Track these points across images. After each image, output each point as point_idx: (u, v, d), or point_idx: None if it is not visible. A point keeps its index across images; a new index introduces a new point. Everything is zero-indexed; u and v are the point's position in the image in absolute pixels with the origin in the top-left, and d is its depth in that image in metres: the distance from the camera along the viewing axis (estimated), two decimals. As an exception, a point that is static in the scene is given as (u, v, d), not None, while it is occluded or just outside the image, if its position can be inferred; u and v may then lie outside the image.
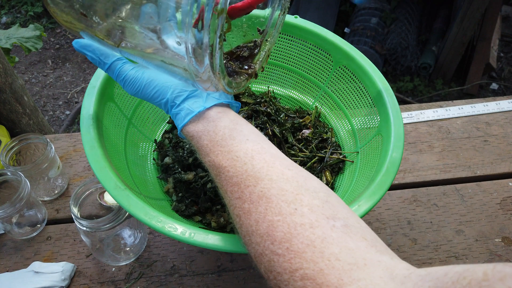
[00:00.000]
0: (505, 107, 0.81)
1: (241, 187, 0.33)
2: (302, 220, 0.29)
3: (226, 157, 0.36)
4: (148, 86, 0.41)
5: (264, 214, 0.31)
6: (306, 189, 0.32)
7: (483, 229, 0.63)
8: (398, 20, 2.09)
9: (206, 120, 0.39)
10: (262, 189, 0.32)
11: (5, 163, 0.61)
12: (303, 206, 0.30)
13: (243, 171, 0.34)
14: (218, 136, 0.37)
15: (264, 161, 0.34)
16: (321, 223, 0.29)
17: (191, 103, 0.40)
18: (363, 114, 0.59)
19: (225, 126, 0.38)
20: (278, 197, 0.31)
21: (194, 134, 0.39)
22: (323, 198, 0.31)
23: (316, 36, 0.62)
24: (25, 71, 2.15)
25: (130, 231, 0.57)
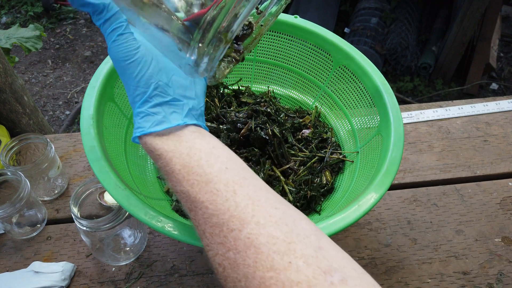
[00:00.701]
0: (505, 107, 0.81)
1: (224, 230, 0.29)
2: (299, 278, 0.26)
3: (203, 189, 0.31)
4: (135, 64, 0.35)
5: (254, 269, 0.27)
6: (297, 235, 0.28)
7: (483, 229, 0.63)
8: (398, 20, 2.09)
9: (178, 139, 0.34)
10: (249, 235, 0.28)
11: (5, 163, 0.61)
12: (297, 258, 0.27)
13: (225, 209, 0.30)
14: (194, 161, 0.32)
15: (248, 197, 0.30)
16: (319, 280, 0.26)
17: (169, 112, 0.35)
18: (363, 114, 0.59)
19: (201, 149, 0.33)
20: (268, 247, 0.27)
21: (161, 152, 0.34)
22: (315, 244, 0.28)
23: (316, 36, 0.62)
24: (25, 71, 2.15)
25: (130, 231, 0.57)
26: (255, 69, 0.69)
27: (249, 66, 0.69)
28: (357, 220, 0.43)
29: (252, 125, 0.59)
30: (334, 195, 0.58)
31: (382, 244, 0.61)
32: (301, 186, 0.57)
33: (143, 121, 0.35)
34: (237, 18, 0.31)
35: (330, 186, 0.58)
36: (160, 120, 0.35)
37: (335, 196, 0.57)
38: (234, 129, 0.60)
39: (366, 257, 0.60)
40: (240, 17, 0.31)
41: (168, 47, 0.34)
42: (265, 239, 0.28)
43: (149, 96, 0.35)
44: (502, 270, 0.59)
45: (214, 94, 0.66)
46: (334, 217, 0.43)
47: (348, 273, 0.27)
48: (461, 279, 0.58)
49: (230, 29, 0.32)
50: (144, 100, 0.35)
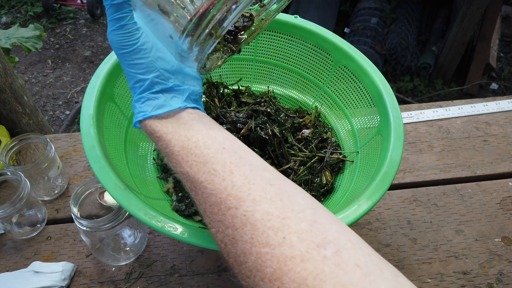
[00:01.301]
0: (505, 107, 0.81)
1: (222, 208, 0.30)
2: (292, 253, 0.27)
3: (202, 169, 0.32)
4: (135, 52, 0.35)
5: (251, 245, 0.28)
6: (292, 210, 0.29)
7: (483, 229, 0.63)
8: (398, 20, 2.09)
9: (177, 122, 0.35)
10: (246, 212, 0.29)
11: (5, 163, 0.61)
12: (291, 234, 0.27)
13: (222, 188, 0.31)
14: (191, 143, 0.33)
15: (245, 176, 0.31)
16: (312, 254, 0.26)
17: (169, 96, 0.36)
18: (363, 114, 0.59)
19: (199, 131, 0.34)
20: (263, 223, 0.28)
21: (161, 134, 0.35)
22: (310, 218, 0.29)
23: (316, 36, 0.62)
24: (25, 71, 2.16)
25: (130, 231, 0.57)
26: (255, 69, 0.69)
27: (249, 66, 0.69)
28: (357, 220, 0.43)
29: (252, 125, 0.59)
30: (334, 195, 0.58)
31: (382, 244, 0.61)
32: (301, 186, 0.57)
33: (144, 106, 0.35)
34: (229, 15, 0.31)
35: (330, 186, 0.58)
36: (161, 104, 0.35)
37: (335, 196, 0.57)
38: (234, 129, 0.60)
39: (366, 257, 0.60)
40: (232, 14, 0.31)
41: (163, 33, 0.34)
42: (260, 215, 0.29)
43: (150, 83, 0.35)
44: (502, 270, 0.59)
45: (214, 94, 0.66)
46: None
47: (342, 245, 0.27)
48: (461, 279, 0.58)
49: (221, 25, 0.32)
50: (145, 87, 0.36)
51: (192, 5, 0.32)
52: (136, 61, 0.35)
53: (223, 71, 0.69)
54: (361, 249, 0.28)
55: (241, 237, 0.29)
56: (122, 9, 0.34)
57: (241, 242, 0.29)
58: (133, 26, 0.34)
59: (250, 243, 0.28)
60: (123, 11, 0.34)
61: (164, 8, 0.33)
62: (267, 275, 0.27)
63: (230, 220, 0.30)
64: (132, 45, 0.35)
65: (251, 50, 0.67)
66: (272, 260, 0.27)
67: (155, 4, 0.33)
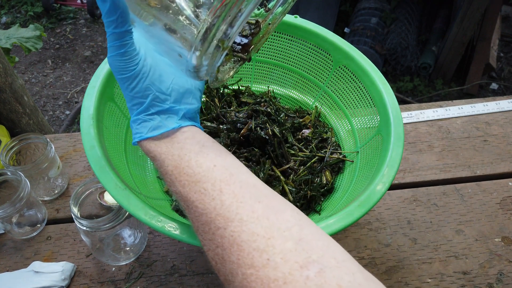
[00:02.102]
0: (505, 107, 0.81)
1: (212, 228, 0.31)
2: (276, 275, 0.27)
3: (193, 188, 0.33)
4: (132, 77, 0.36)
5: (237, 265, 0.29)
6: (278, 228, 0.29)
7: (483, 229, 0.63)
8: (398, 20, 2.09)
9: (171, 141, 0.36)
10: (233, 233, 0.30)
11: (5, 163, 0.61)
12: (276, 254, 0.28)
13: (211, 208, 0.31)
14: (184, 162, 0.34)
15: (233, 195, 0.32)
16: (294, 276, 0.27)
17: (165, 117, 0.37)
18: (363, 114, 0.59)
19: (191, 149, 0.35)
20: (249, 244, 0.29)
21: (155, 155, 0.36)
22: (296, 235, 0.29)
23: (316, 36, 0.62)
24: (25, 71, 2.16)
25: (130, 230, 0.57)
26: (255, 69, 0.69)
27: (249, 66, 0.69)
28: (358, 219, 0.43)
29: (252, 125, 0.59)
30: (334, 195, 0.58)
31: (382, 244, 0.61)
32: (301, 186, 0.57)
33: (141, 127, 0.37)
34: (233, 26, 0.31)
35: (330, 186, 0.58)
36: (156, 126, 0.36)
37: (335, 196, 0.57)
38: (234, 129, 0.60)
39: (366, 257, 0.60)
40: (236, 25, 0.31)
41: (170, 51, 0.34)
42: (247, 236, 0.29)
43: (146, 106, 0.36)
44: (502, 270, 0.59)
45: (214, 94, 0.66)
46: (334, 217, 0.43)
47: (326, 263, 0.27)
48: (461, 279, 0.58)
49: (227, 37, 0.32)
50: (142, 109, 0.36)
51: (198, 20, 0.32)
52: (134, 85, 0.36)
53: (223, 71, 0.69)
54: (346, 267, 0.27)
55: (229, 257, 0.30)
56: (123, 37, 0.34)
57: (229, 262, 0.30)
58: (133, 52, 0.35)
59: (237, 264, 0.29)
60: (124, 39, 0.34)
61: (171, 27, 0.33)
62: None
63: (219, 240, 0.30)
64: (131, 71, 0.35)
65: (251, 50, 0.67)
66: (256, 282, 0.27)
67: (161, 23, 0.33)
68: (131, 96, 0.36)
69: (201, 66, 0.33)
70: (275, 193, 0.33)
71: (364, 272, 0.28)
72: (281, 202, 0.32)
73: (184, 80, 0.39)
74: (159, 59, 0.37)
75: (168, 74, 0.37)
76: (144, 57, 0.36)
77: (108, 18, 0.33)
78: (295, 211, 0.32)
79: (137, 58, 0.35)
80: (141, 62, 0.36)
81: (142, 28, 0.35)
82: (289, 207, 0.32)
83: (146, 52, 0.36)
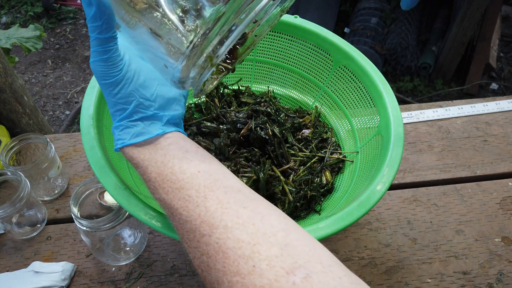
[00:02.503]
0: (505, 107, 0.81)
1: (196, 235, 0.31)
2: (261, 281, 0.27)
3: (177, 195, 0.32)
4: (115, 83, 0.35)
5: (223, 273, 0.28)
6: (264, 234, 0.29)
7: (483, 229, 0.63)
8: (398, 20, 2.09)
9: (154, 148, 0.35)
10: (218, 240, 0.29)
11: (5, 163, 0.61)
12: (261, 261, 0.27)
13: (196, 215, 0.31)
14: (167, 169, 0.34)
15: (218, 201, 0.31)
16: (280, 282, 0.26)
17: (148, 123, 0.36)
18: (363, 114, 0.59)
19: (175, 155, 0.34)
20: (234, 251, 0.28)
21: (138, 161, 0.35)
22: (281, 241, 0.29)
23: (316, 36, 0.62)
24: (25, 71, 2.16)
25: (130, 231, 0.57)
26: (255, 69, 0.69)
27: (249, 66, 0.69)
28: (358, 220, 0.43)
29: (252, 125, 0.59)
30: (334, 195, 0.58)
31: (382, 244, 0.61)
32: (301, 186, 0.57)
33: (123, 133, 0.36)
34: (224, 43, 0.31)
35: (330, 186, 0.58)
36: (139, 132, 0.36)
37: (335, 196, 0.57)
38: (234, 129, 0.60)
39: (366, 257, 0.60)
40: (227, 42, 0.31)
41: (156, 59, 0.34)
42: (232, 243, 0.29)
43: (129, 112, 0.36)
44: (502, 270, 0.59)
45: (214, 94, 0.66)
46: (334, 217, 0.43)
47: (312, 268, 0.27)
48: (461, 279, 0.58)
49: (216, 54, 0.31)
50: (124, 116, 0.36)
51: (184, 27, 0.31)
52: (117, 91, 0.35)
53: (223, 71, 0.69)
54: (332, 272, 0.27)
55: (214, 265, 0.29)
56: (107, 43, 0.33)
57: (214, 270, 0.29)
58: (117, 58, 0.34)
59: (223, 271, 0.29)
60: (108, 45, 0.33)
61: (156, 32, 0.32)
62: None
63: (204, 247, 0.30)
64: (114, 76, 0.34)
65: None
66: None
67: (146, 28, 0.32)
68: (113, 102, 0.36)
69: (187, 79, 0.33)
70: (261, 198, 0.33)
71: (351, 276, 0.28)
72: (267, 206, 0.32)
73: (168, 87, 0.38)
74: (144, 65, 0.37)
75: (152, 81, 0.37)
76: (128, 62, 0.35)
77: (93, 23, 0.32)
78: (282, 215, 0.31)
79: (120, 64, 0.34)
80: (125, 68, 0.35)
81: (128, 34, 0.34)
82: (274, 211, 0.32)
83: (131, 58, 0.36)
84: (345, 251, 0.61)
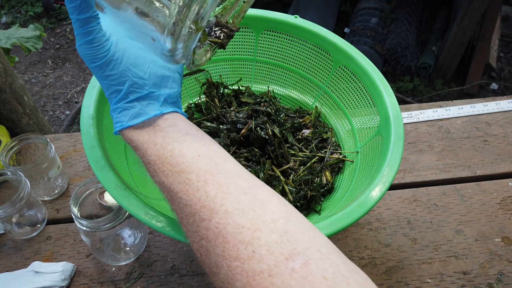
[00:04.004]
0: (505, 107, 0.81)
1: (196, 219, 0.31)
2: (261, 267, 0.27)
3: (177, 179, 0.32)
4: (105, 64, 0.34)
5: (222, 257, 0.29)
6: (264, 220, 0.29)
7: (483, 229, 0.63)
8: (398, 20, 2.09)
9: (153, 130, 0.35)
10: (218, 225, 0.29)
11: (5, 163, 0.61)
12: (261, 247, 0.28)
13: (196, 199, 0.31)
14: (167, 152, 0.33)
15: (219, 185, 0.31)
16: (280, 268, 0.27)
17: (145, 104, 0.35)
18: (363, 114, 0.59)
19: (174, 138, 0.34)
20: (234, 236, 0.28)
21: (137, 144, 0.35)
22: (281, 228, 0.29)
23: (316, 36, 0.62)
24: (25, 71, 2.16)
25: (130, 231, 0.57)
26: (255, 69, 0.69)
27: (249, 66, 0.69)
28: (357, 220, 0.43)
29: (252, 125, 0.59)
30: (334, 195, 0.58)
31: (382, 244, 0.61)
32: (301, 186, 0.57)
33: (121, 116, 0.35)
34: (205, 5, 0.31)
35: (330, 186, 0.58)
36: (137, 113, 0.35)
37: (335, 196, 0.57)
38: (234, 129, 0.60)
39: (366, 257, 0.60)
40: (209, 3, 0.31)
41: (144, 36, 0.34)
42: (232, 228, 0.29)
43: (124, 93, 0.35)
44: (502, 270, 0.59)
45: (214, 94, 0.66)
46: (334, 217, 0.43)
47: (311, 255, 0.27)
48: (461, 279, 0.58)
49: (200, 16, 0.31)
50: (120, 97, 0.35)
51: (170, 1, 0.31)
52: (107, 73, 0.34)
53: (223, 71, 0.69)
54: (330, 259, 0.28)
55: (214, 250, 0.29)
56: (88, 24, 0.32)
57: (213, 254, 0.29)
58: (102, 38, 0.33)
59: (222, 256, 0.29)
60: (90, 25, 0.33)
61: (142, 10, 0.32)
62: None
63: (204, 232, 0.30)
64: (102, 58, 0.34)
65: (251, 50, 0.67)
66: (241, 274, 0.27)
67: (132, 7, 0.32)
68: (107, 84, 0.35)
69: (176, 49, 0.32)
70: (261, 183, 0.33)
71: (348, 264, 0.28)
72: (268, 192, 0.32)
73: (161, 64, 0.37)
74: (133, 44, 0.36)
75: (144, 59, 0.36)
76: (115, 43, 0.34)
77: (71, 3, 0.31)
78: (282, 202, 0.31)
79: (107, 44, 0.34)
80: (113, 48, 0.34)
81: (113, 14, 0.34)
82: (275, 198, 0.32)
83: (119, 38, 0.35)
84: (345, 251, 0.61)
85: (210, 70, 0.68)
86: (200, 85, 0.68)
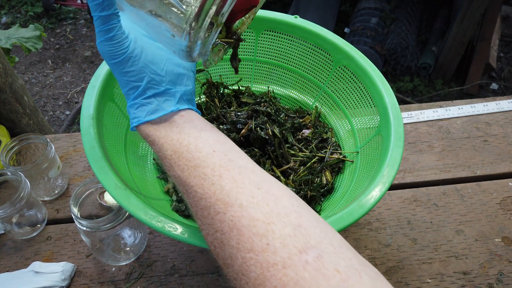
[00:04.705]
0: (505, 107, 0.81)
1: (211, 213, 0.31)
2: (275, 259, 0.28)
3: (192, 173, 0.33)
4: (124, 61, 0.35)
5: (237, 249, 0.29)
6: (277, 214, 0.30)
7: (483, 229, 0.63)
8: (398, 20, 2.09)
9: (169, 125, 0.36)
10: (232, 218, 0.30)
11: (5, 163, 0.61)
12: (275, 239, 0.28)
13: (211, 193, 0.32)
14: (183, 147, 0.34)
15: (233, 180, 0.32)
16: (293, 260, 0.27)
17: (162, 100, 0.36)
18: (363, 114, 0.59)
19: (190, 134, 0.35)
20: (249, 229, 0.29)
21: (154, 139, 0.36)
22: (294, 221, 0.29)
23: (316, 36, 0.62)
24: (25, 71, 2.16)
25: (130, 231, 0.57)
26: (255, 69, 0.69)
27: (249, 66, 0.69)
28: (357, 220, 0.43)
29: (252, 125, 0.59)
30: (334, 195, 0.58)
31: (382, 244, 0.61)
32: (301, 186, 0.57)
33: (138, 111, 0.36)
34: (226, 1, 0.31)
35: (330, 186, 0.58)
36: (154, 109, 0.36)
37: (335, 196, 0.57)
38: (234, 129, 0.60)
39: (366, 257, 0.60)
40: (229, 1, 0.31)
41: (160, 33, 0.34)
42: (247, 221, 0.30)
43: (142, 89, 0.36)
44: (502, 270, 0.59)
45: (214, 94, 0.66)
46: (334, 217, 0.43)
47: (324, 249, 0.28)
48: (461, 279, 0.58)
49: (220, 13, 0.32)
50: (138, 93, 0.36)
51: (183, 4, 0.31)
52: (127, 69, 0.35)
53: (223, 71, 0.69)
54: (343, 253, 0.28)
55: (228, 242, 0.30)
56: (110, 21, 0.34)
57: (228, 246, 0.30)
58: (122, 35, 0.35)
59: (236, 248, 0.29)
60: (111, 23, 0.34)
61: (156, 13, 0.33)
62: (251, 279, 0.28)
63: (218, 224, 0.31)
64: (122, 54, 0.35)
65: (251, 50, 0.67)
66: (256, 266, 0.28)
67: (146, 10, 0.33)
68: (125, 81, 0.36)
69: (195, 46, 0.33)
70: (274, 179, 0.34)
71: (359, 258, 0.29)
72: (280, 188, 0.33)
73: (177, 62, 0.39)
74: (150, 42, 0.37)
75: (161, 57, 0.37)
76: (134, 40, 0.36)
77: (94, 1, 0.32)
78: (294, 197, 0.32)
79: (126, 41, 0.35)
80: (132, 45, 0.35)
81: (131, 12, 0.35)
82: (287, 193, 0.32)
83: (136, 36, 0.36)
84: (345, 251, 0.60)
85: (210, 70, 0.68)
86: (200, 85, 0.68)
